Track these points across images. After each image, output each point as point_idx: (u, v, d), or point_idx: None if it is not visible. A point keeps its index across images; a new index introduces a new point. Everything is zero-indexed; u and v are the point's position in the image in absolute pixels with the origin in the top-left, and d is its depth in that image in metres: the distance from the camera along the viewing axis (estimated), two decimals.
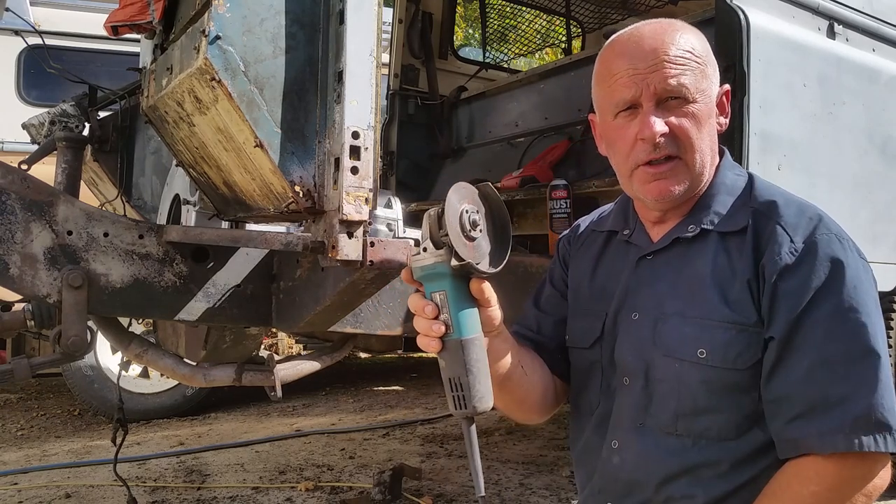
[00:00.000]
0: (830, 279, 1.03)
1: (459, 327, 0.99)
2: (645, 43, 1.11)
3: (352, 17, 1.39)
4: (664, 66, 1.08)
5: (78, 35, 4.66)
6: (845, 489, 1.00)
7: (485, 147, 3.69)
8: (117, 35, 1.91)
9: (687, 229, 1.15)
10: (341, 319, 1.84)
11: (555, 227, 2.53)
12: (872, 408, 0.98)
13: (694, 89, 1.09)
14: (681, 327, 1.11)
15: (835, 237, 1.06)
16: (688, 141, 1.10)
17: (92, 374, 4.35)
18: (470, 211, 0.99)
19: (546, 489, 3.24)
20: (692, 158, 1.11)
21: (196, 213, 2.01)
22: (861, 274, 1.05)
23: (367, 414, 4.82)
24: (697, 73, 1.10)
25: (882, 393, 0.99)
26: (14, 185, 1.64)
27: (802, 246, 1.05)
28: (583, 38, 4.58)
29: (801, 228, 1.07)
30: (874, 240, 2.49)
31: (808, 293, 1.02)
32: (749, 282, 1.07)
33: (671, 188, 1.12)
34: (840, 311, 1.02)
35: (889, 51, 2.62)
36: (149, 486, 3.25)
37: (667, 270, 1.16)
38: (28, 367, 1.79)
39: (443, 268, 0.98)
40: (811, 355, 1.01)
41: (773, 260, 1.05)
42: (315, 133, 1.45)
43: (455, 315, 0.99)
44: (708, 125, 1.12)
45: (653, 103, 1.09)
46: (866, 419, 0.98)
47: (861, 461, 0.99)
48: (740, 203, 1.14)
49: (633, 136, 1.11)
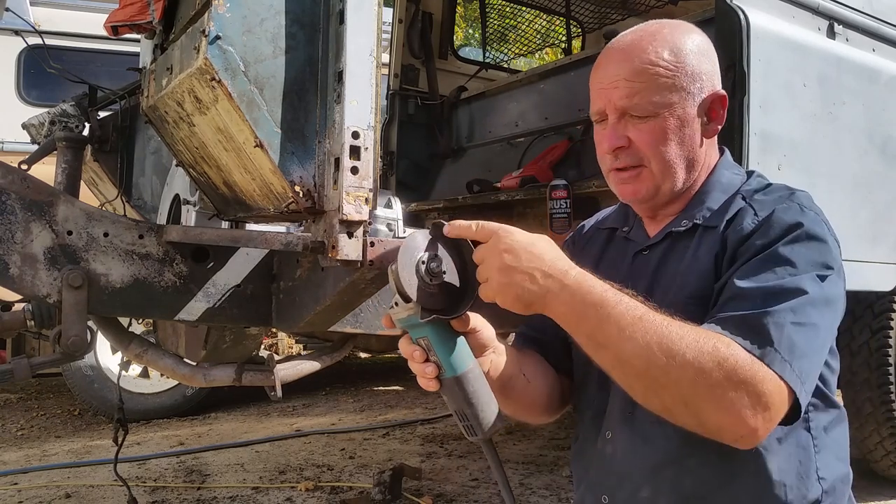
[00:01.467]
0: (777, 237, 1.04)
1: (450, 366, 1.02)
2: (613, 59, 1.17)
3: (352, 17, 1.40)
4: (622, 84, 1.14)
5: (78, 35, 4.66)
6: (722, 370, 0.94)
7: (485, 147, 3.69)
8: (117, 35, 1.91)
9: (680, 224, 1.19)
10: (341, 319, 1.84)
11: (555, 227, 2.53)
12: (762, 315, 0.97)
13: (652, 106, 1.13)
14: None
15: (797, 205, 1.08)
16: (649, 152, 1.15)
17: (92, 374, 4.35)
18: (426, 258, 1.00)
19: (546, 489, 3.24)
20: (656, 167, 1.16)
21: (196, 213, 2.01)
22: (818, 242, 1.05)
23: (367, 414, 4.82)
24: (663, 88, 1.13)
25: (779, 312, 0.97)
26: (14, 185, 1.64)
27: (764, 216, 1.08)
28: (583, 38, 4.59)
29: (768, 203, 1.10)
30: (874, 240, 2.49)
31: (755, 250, 1.05)
32: (716, 257, 1.10)
33: (638, 189, 1.18)
34: (769, 260, 1.02)
35: (889, 51, 2.62)
36: (149, 486, 3.25)
37: (658, 265, 1.20)
38: (28, 367, 1.79)
39: (416, 319, 1.00)
40: (728, 292, 1.03)
41: (736, 230, 1.09)
42: (315, 133, 1.45)
43: (443, 356, 1.02)
44: (679, 134, 1.15)
45: (616, 116, 1.16)
46: (748, 321, 0.97)
47: (746, 361, 0.95)
48: (733, 199, 1.17)
49: (603, 143, 1.19)
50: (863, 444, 3.03)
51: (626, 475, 1.16)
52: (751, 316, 0.97)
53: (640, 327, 0.95)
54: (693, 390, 0.94)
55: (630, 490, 1.16)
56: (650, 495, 1.14)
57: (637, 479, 1.15)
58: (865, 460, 3.09)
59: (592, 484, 1.23)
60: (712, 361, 0.93)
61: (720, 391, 0.93)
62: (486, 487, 3.26)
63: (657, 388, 0.97)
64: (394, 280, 1.00)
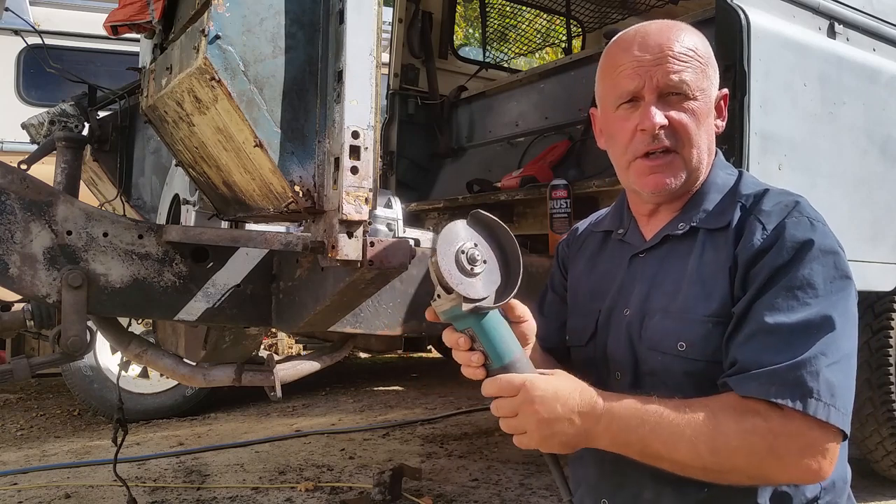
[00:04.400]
0: (794, 258, 1.04)
1: (497, 355, 1.01)
2: (651, 38, 1.14)
3: (352, 17, 1.39)
4: (668, 60, 1.11)
5: (78, 35, 4.66)
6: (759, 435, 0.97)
7: (485, 147, 3.69)
8: (117, 35, 1.91)
9: (677, 227, 1.19)
10: (341, 319, 1.84)
11: (555, 227, 2.53)
12: (797, 366, 0.98)
13: (695, 87, 1.12)
14: (663, 322, 1.14)
15: (806, 219, 1.08)
16: (686, 136, 1.13)
17: (91, 375, 4.34)
18: (466, 248, 0.99)
19: (546, 489, 3.24)
20: (689, 153, 1.14)
21: (196, 212, 2.01)
22: (830, 255, 1.05)
23: (367, 414, 4.81)
24: (699, 72, 1.13)
25: (812, 360, 0.98)
26: (13, 184, 1.64)
27: (772, 230, 1.07)
28: (583, 37, 4.59)
29: (775, 215, 1.09)
30: (874, 240, 2.49)
31: (770, 271, 1.04)
32: (727, 277, 1.09)
33: (666, 181, 1.15)
34: (796, 289, 1.02)
35: (889, 50, 2.62)
36: (149, 487, 3.25)
37: (656, 267, 1.20)
38: (28, 367, 1.79)
39: (459, 310, 0.99)
40: (755, 325, 1.03)
41: (746, 248, 1.08)
42: (315, 133, 1.45)
43: (489, 346, 1.01)
44: (706, 124, 1.16)
45: (654, 96, 1.13)
46: (784, 375, 0.98)
47: (785, 419, 0.97)
48: (728, 200, 1.17)
49: (632, 127, 1.15)
50: (863, 444, 3.03)
51: (627, 477, 1.16)
52: (783, 371, 0.98)
53: (682, 434, 0.98)
54: (752, 469, 0.98)
55: (632, 493, 1.16)
56: (653, 497, 1.13)
57: (638, 482, 1.14)
58: (866, 460, 3.09)
59: (592, 486, 1.23)
60: (759, 438, 0.96)
61: (776, 460, 0.96)
62: (486, 487, 3.26)
63: (719, 477, 1.01)
64: (434, 272, 0.99)
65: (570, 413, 0.99)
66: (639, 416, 0.99)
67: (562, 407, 0.99)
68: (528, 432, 1.01)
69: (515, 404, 1.00)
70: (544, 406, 0.99)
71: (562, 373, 1.05)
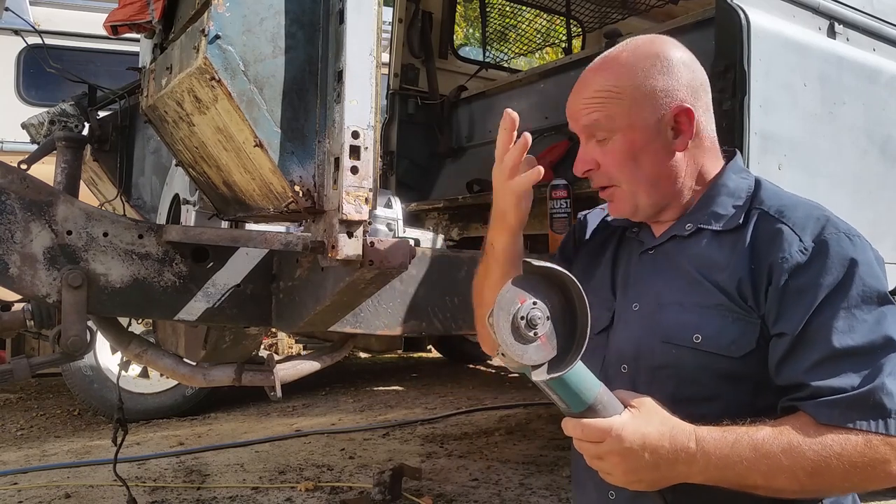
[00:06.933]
0: (845, 278, 1.05)
1: (577, 403, 0.98)
2: (581, 81, 1.23)
3: (352, 17, 1.39)
4: (584, 104, 1.21)
5: (78, 35, 4.66)
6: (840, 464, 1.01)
7: (485, 147, 3.69)
8: (117, 35, 1.91)
9: (684, 227, 1.20)
10: (341, 319, 1.84)
11: (555, 226, 2.53)
12: (873, 391, 1.01)
13: (617, 124, 1.17)
14: (679, 314, 1.14)
15: (844, 235, 1.09)
16: (615, 173, 1.20)
17: (91, 375, 4.34)
18: (524, 310, 0.92)
19: (546, 489, 3.24)
20: (626, 186, 1.20)
21: (196, 212, 2.01)
22: (874, 269, 1.08)
23: (367, 414, 4.81)
24: (619, 107, 1.17)
25: (885, 384, 1.01)
26: (14, 184, 1.64)
27: (812, 245, 1.07)
28: (583, 37, 4.58)
29: (810, 228, 1.09)
30: (874, 240, 2.45)
31: (821, 291, 1.05)
32: (741, 280, 1.10)
33: (619, 208, 1.24)
34: (853, 308, 1.04)
35: (889, 50, 2.62)
36: (149, 486, 3.25)
37: (665, 264, 1.21)
38: (28, 367, 1.79)
39: (529, 375, 0.95)
40: (823, 350, 1.04)
41: (783, 258, 1.08)
42: (315, 133, 1.45)
43: (566, 397, 0.98)
44: (647, 151, 1.18)
45: (584, 138, 1.24)
46: (863, 400, 1.01)
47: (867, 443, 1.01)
48: (741, 205, 1.17)
49: None
50: None
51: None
52: (859, 398, 1.01)
53: (780, 465, 1.00)
54: (847, 485, 1.04)
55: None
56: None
57: None
58: None
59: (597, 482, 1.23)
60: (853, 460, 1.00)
61: (870, 473, 1.01)
62: (486, 487, 3.26)
63: (814, 496, 1.06)
64: (494, 335, 0.92)
65: (659, 460, 1.00)
66: (735, 452, 1.00)
67: (650, 456, 0.99)
68: (614, 475, 1.02)
69: (602, 451, 1.00)
70: (632, 457, 0.99)
71: (649, 405, 1.03)
